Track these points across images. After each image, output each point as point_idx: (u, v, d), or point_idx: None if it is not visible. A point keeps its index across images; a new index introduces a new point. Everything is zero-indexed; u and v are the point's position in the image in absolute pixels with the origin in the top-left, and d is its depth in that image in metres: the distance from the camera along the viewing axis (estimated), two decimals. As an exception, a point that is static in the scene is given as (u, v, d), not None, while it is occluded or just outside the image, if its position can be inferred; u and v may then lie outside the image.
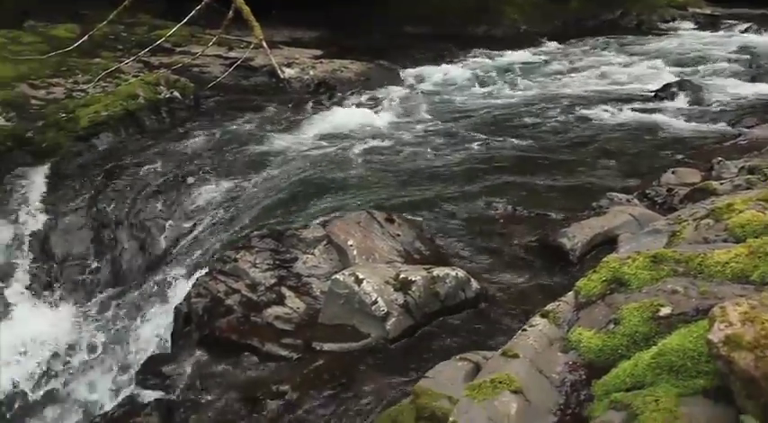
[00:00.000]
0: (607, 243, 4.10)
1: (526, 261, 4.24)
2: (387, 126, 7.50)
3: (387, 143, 6.85)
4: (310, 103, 8.46)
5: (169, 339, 4.20)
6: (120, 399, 3.80)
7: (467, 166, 6.01)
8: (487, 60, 11.36)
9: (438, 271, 3.75)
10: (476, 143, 6.70)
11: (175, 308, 4.21)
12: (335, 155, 6.50)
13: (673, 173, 5.07)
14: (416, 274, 3.69)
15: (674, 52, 11.73)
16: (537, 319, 2.65)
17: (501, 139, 6.84)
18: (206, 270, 4.46)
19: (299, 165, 6.27)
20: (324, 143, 6.94)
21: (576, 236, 4.21)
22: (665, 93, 8.24)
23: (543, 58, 11.68)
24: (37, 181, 6.26)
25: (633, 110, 7.71)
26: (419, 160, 6.31)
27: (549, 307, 2.71)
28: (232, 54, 9.95)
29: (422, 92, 9.24)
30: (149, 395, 3.57)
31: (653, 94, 8.41)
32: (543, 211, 4.87)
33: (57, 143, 6.86)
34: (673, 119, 7.27)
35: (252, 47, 9.67)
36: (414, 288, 3.60)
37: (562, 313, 2.65)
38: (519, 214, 4.88)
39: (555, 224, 4.59)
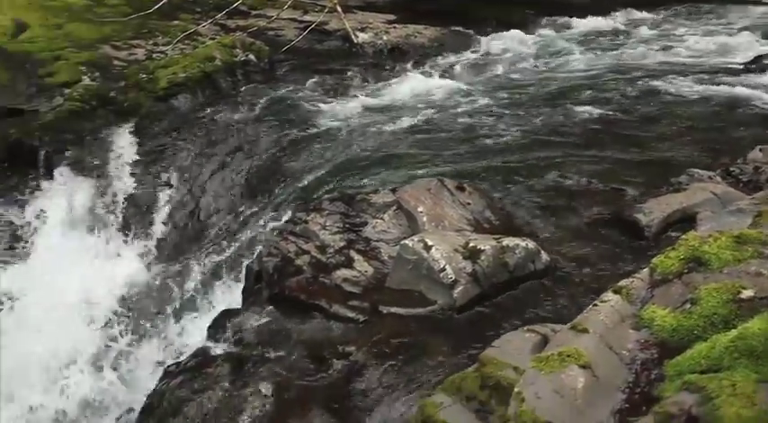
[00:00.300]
0: (685, 221, 3.96)
1: (598, 235, 4.14)
2: (458, 93, 7.41)
3: (458, 111, 6.77)
4: (383, 69, 8.42)
5: (240, 296, 4.33)
6: (192, 350, 3.94)
7: (539, 137, 5.88)
8: (564, 28, 11.01)
9: (508, 241, 3.71)
10: (549, 112, 6.54)
11: (247, 266, 4.33)
12: (406, 121, 6.47)
13: (761, 150, 4.83)
14: (486, 244, 3.66)
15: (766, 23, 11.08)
16: (609, 295, 2.60)
17: (576, 109, 6.65)
18: (277, 230, 4.55)
19: (369, 130, 6.27)
20: (395, 109, 6.92)
21: (653, 211, 4.08)
22: (756, 65, 7.79)
23: (623, 26, 11.23)
24: (120, 139, 6.49)
25: (719, 83, 7.34)
26: (491, 129, 6.21)
27: (621, 283, 2.65)
28: (306, 18, 9.97)
29: (495, 59, 9.05)
30: (220, 348, 3.69)
31: (741, 66, 7.98)
32: (618, 185, 4.74)
33: (138, 103, 7.08)
34: (764, 94, 6.89)
35: (326, 11, 9.65)
36: (482, 257, 3.58)
37: (635, 290, 2.59)
38: (592, 187, 4.76)
39: (630, 199, 4.46)
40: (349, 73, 8.18)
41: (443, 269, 3.51)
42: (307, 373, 3.26)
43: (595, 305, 2.56)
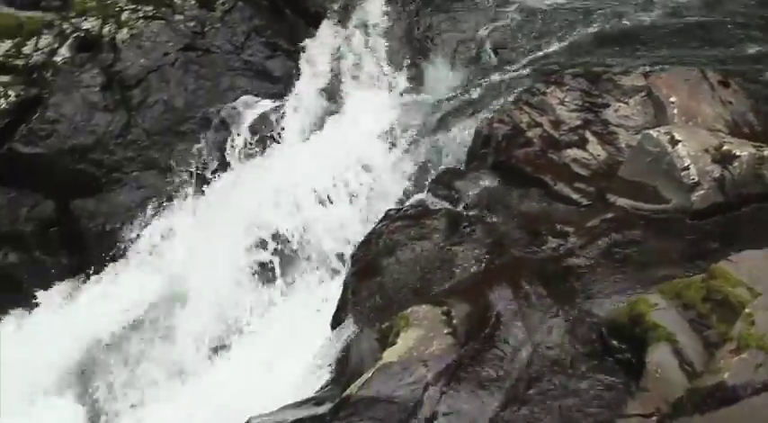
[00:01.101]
0: None
1: None
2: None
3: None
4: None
5: (464, 157, 4.38)
6: (412, 200, 4.13)
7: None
8: None
9: (770, 151, 3.31)
10: None
11: (476, 129, 4.33)
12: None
13: None
14: (742, 149, 3.30)
15: None
16: None
17: None
18: (512, 98, 4.45)
19: (627, 3, 5.70)
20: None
21: None
22: None
23: None
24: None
25: None
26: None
27: None
28: None
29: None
30: (439, 203, 3.82)
31: None
32: None
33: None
34: None
35: None
36: (735, 163, 3.24)
37: None
38: None
39: None
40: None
41: (687, 168, 3.24)
42: (520, 243, 3.28)
43: None
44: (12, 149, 5.96)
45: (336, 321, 3.76)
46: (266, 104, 5.87)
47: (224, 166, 5.79)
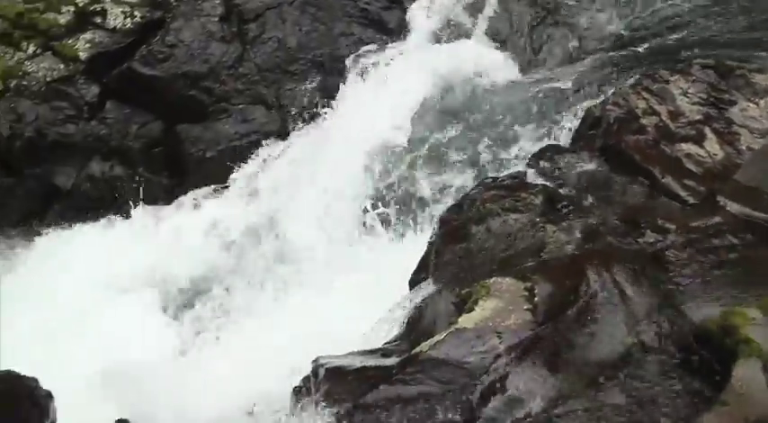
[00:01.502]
0: None
1: None
2: None
3: None
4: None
5: (571, 135, 4.27)
6: (510, 170, 4.06)
7: None
8: None
9: None
10: None
11: (588, 109, 4.19)
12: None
13: None
14: None
15: None
16: None
17: None
18: (631, 82, 4.27)
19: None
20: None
21: None
22: None
23: None
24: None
25: None
26: None
27: None
28: None
29: None
30: (539, 178, 3.74)
31: None
32: None
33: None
34: None
35: None
36: None
37: None
38: None
39: None
40: None
41: (812, 182, 3.04)
42: (616, 232, 3.18)
43: None
44: (131, 68, 6.22)
45: (415, 280, 3.79)
46: (378, 54, 5.87)
47: (329, 108, 5.88)
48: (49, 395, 2.93)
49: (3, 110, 6.33)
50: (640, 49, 5.04)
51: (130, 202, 6.10)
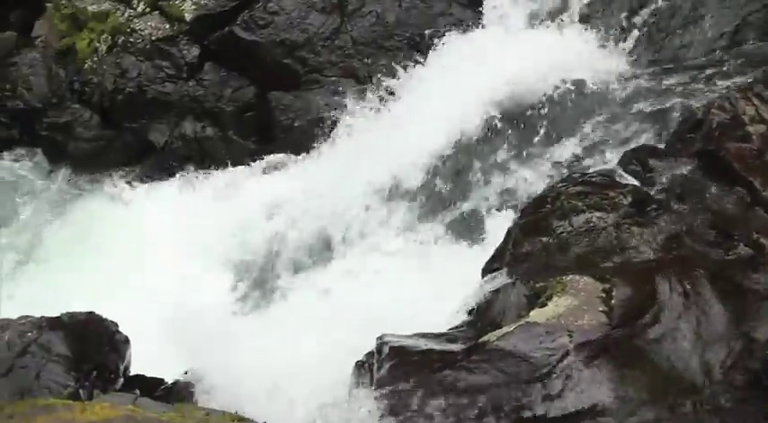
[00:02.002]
0: None
1: None
2: None
3: None
4: None
5: (666, 135, 4.11)
6: (599, 167, 3.95)
7: None
8: None
9: None
10: None
11: (690, 110, 4.01)
12: None
13: None
14: None
15: None
16: None
17: None
18: (741, 85, 4.06)
19: None
20: None
21: None
22: None
23: None
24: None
25: None
26: None
27: None
28: None
29: None
30: (627, 178, 3.62)
31: None
32: None
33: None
34: None
35: None
36: None
37: None
38: None
39: None
40: None
41: None
42: (705, 242, 3.05)
43: None
44: (232, 32, 6.38)
45: (488, 268, 3.76)
46: (473, 36, 5.80)
47: (416, 87, 5.86)
48: (126, 340, 3.08)
49: (109, 64, 6.65)
50: (757, 51, 4.75)
51: (216, 164, 6.32)
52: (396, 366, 2.98)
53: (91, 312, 3.03)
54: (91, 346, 2.84)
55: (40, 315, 2.86)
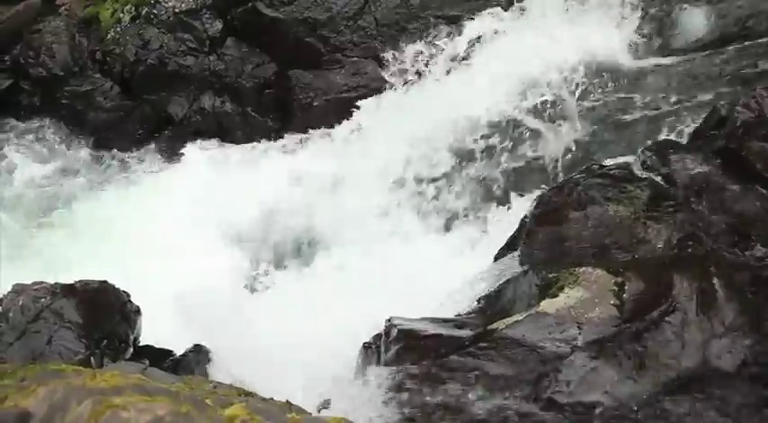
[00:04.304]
0: None
1: None
2: None
3: None
4: None
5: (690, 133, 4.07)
6: (619, 160, 3.92)
7: None
8: None
9: None
10: None
11: (714, 107, 3.95)
12: None
13: None
14: None
15: None
16: None
17: None
18: (768, 84, 3.99)
19: None
20: None
21: None
22: None
23: None
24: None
25: None
26: None
27: None
28: None
29: None
30: (646, 172, 3.58)
31: None
32: None
33: None
34: None
35: None
36: None
37: None
38: None
39: None
40: None
41: None
42: (723, 241, 3.02)
43: None
44: (255, 8, 6.36)
45: (501, 255, 3.76)
46: (493, 21, 5.77)
47: (434, 72, 5.85)
48: (138, 311, 3.11)
49: (131, 35, 6.66)
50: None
51: (233, 139, 6.35)
52: (403, 349, 3.00)
53: (104, 281, 3.06)
54: (102, 314, 2.88)
55: (53, 281, 2.90)
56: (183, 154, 6.38)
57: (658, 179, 3.54)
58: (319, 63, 6.24)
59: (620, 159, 3.93)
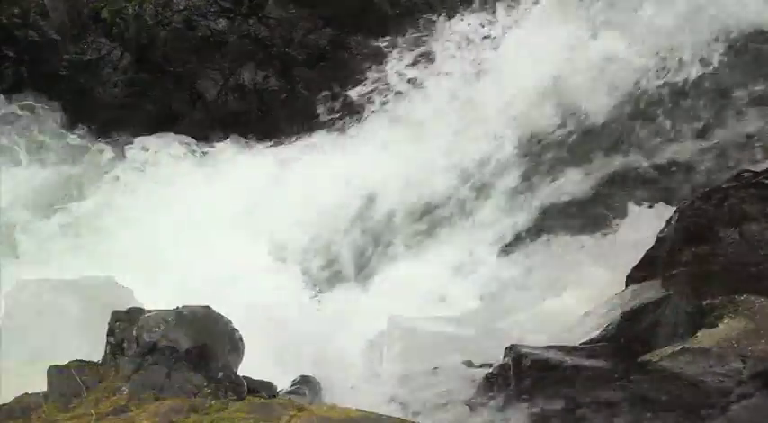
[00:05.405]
0: None
1: None
2: None
3: None
4: None
5: None
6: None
7: None
8: None
9: None
10: None
11: None
12: None
13: None
14: None
15: None
16: None
17: None
18: None
19: None
20: None
21: None
22: None
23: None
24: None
25: None
26: None
27: None
28: None
29: None
30: None
31: None
32: None
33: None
34: None
35: None
36: None
37: None
38: None
39: None
40: None
41: None
42: None
43: None
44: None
45: (634, 276, 4.38)
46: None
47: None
48: (241, 339, 3.82)
49: (151, -10, 6.91)
50: None
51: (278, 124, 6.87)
52: (539, 381, 3.65)
53: (207, 307, 3.74)
54: (214, 343, 3.57)
55: (162, 308, 3.59)
56: (215, 144, 6.75)
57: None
58: (386, 28, 6.76)
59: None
